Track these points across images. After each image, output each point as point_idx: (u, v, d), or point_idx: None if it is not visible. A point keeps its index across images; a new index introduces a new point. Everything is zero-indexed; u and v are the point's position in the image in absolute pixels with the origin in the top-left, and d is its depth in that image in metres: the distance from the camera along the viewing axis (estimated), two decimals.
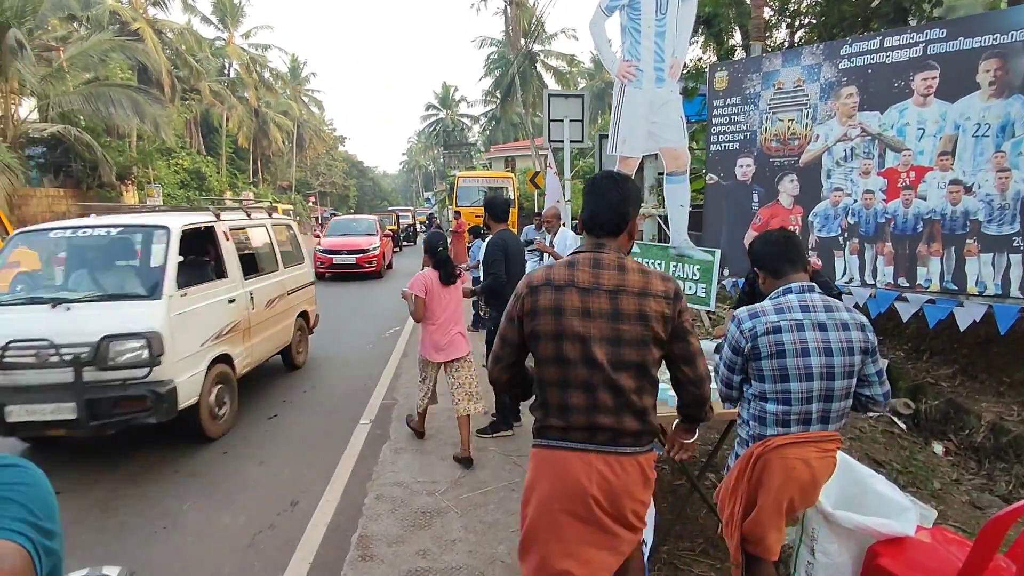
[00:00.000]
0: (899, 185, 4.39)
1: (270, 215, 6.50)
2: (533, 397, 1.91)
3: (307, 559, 3.10)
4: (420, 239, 22.63)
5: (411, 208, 36.90)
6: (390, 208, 36.65)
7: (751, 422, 2.17)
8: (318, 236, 17.36)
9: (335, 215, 28.68)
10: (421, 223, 33.83)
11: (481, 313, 7.14)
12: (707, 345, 3.25)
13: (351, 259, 14.37)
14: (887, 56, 4.37)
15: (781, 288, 2.11)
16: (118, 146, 21.99)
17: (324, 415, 5.24)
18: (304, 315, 6.68)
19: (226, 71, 38.24)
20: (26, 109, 18.07)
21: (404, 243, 26.39)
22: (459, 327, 4.35)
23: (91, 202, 19.68)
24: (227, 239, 5.12)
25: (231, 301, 4.95)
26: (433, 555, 3.09)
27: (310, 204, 49.47)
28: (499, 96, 35.89)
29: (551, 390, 1.79)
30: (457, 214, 13.74)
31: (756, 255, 2.27)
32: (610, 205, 1.86)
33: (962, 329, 4.15)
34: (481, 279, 5.90)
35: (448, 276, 4.27)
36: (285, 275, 6.13)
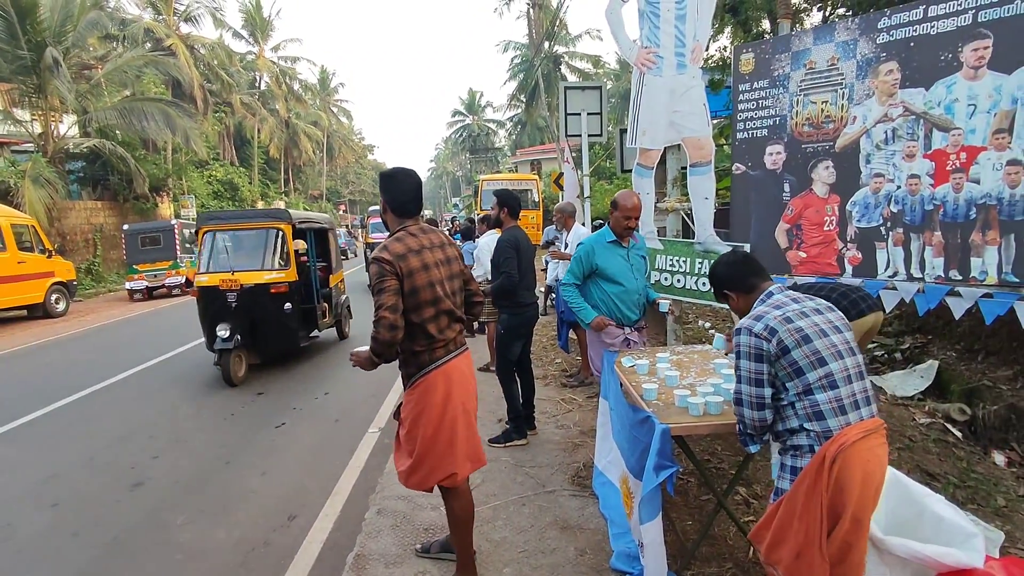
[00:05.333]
0: (948, 168, 3.96)
1: None
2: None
3: None
4: None
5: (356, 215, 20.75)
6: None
7: (807, 424, 1.91)
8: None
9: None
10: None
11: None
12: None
13: None
14: (931, 27, 3.95)
15: (762, 294, 2.11)
16: (153, 159, 22.55)
17: (332, 423, 5.06)
18: None
19: (257, 84, 39.06)
20: (65, 125, 18.61)
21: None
22: None
23: (127, 214, 20.25)
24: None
25: None
26: None
27: (340, 212, 50.17)
28: (524, 100, 35.76)
29: (429, 325, 2.46)
30: (484, 218, 13.50)
31: (723, 278, 2.24)
32: (420, 195, 2.62)
33: None
34: (489, 279, 5.63)
35: None
36: None
